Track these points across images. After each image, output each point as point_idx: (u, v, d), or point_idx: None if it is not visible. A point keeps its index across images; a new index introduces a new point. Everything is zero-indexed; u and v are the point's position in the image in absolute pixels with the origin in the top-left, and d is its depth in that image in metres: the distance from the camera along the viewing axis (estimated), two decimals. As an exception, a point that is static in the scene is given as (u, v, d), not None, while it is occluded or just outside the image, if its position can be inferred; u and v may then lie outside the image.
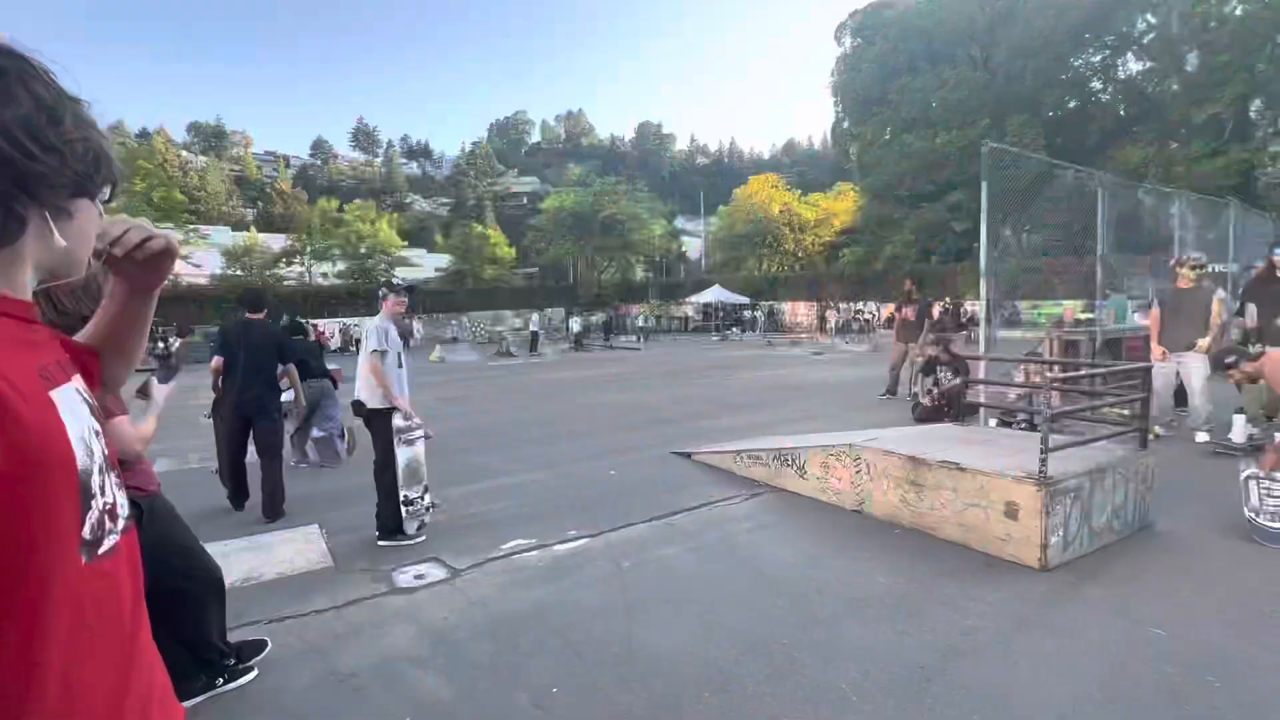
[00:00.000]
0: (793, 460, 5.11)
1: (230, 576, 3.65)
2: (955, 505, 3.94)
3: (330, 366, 7.36)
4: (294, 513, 5.02)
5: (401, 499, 4.32)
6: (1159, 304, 6.46)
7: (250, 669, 2.82)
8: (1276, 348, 5.89)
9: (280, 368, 5.22)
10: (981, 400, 7.17)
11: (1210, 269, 7.83)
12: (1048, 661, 2.70)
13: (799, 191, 49.45)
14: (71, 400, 0.70)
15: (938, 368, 7.61)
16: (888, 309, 27.24)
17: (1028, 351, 8.44)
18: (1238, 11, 26.21)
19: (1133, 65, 32.81)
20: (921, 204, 33.59)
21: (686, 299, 38.44)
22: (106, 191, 0.75)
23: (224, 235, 43.34)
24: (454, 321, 34.57)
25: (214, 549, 3.15)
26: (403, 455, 4.34)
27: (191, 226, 30.94)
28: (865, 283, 33.47)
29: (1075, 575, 3.49)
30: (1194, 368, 6.31)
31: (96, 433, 0.73)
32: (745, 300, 36.89)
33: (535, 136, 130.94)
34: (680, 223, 79.20)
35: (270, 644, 3.00)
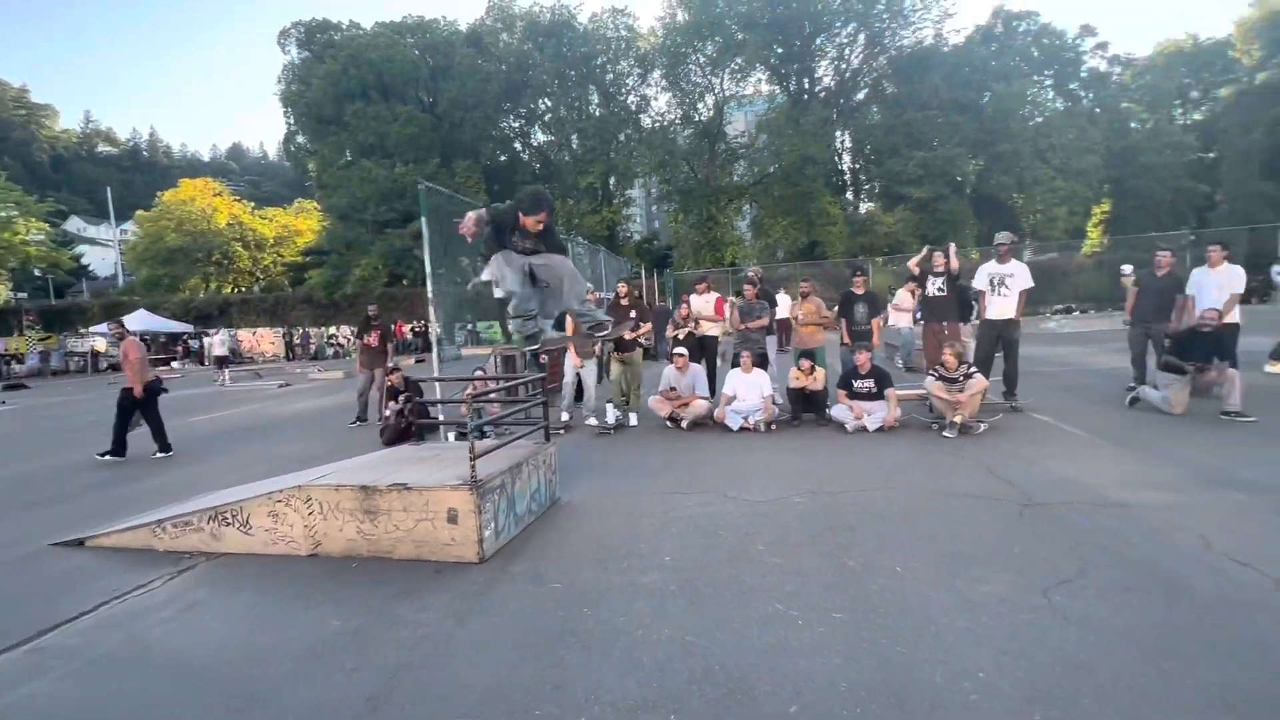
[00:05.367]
0: (233, 517, 4.43)
1: None
2: (407, 524, 4.13)
3: None
4: None
5: None
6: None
7: None
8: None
9: None
10: (441, 418, 7.80)
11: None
12: (480, 644, 3.08)
13: (252, 204, 43.83)
14: None
15: (399, 392, 7.90)
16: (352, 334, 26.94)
17: (476, 368, 9.64)
18: (597, 112, 37.11)
19: (540, 136, 42.01)
20: (387, 229, 34.47)
21: (94, 328, 29.10)
22: None
23: None
24: None
25: None
26: None
27: None
28: (337, 306, 32.22)
29: (505, 559, 4.13)
30: (591, 369, 8.52)
31: None
32: (188, 328, 30.45)
33: None
34: (77, 226, 60.57)
35: None
